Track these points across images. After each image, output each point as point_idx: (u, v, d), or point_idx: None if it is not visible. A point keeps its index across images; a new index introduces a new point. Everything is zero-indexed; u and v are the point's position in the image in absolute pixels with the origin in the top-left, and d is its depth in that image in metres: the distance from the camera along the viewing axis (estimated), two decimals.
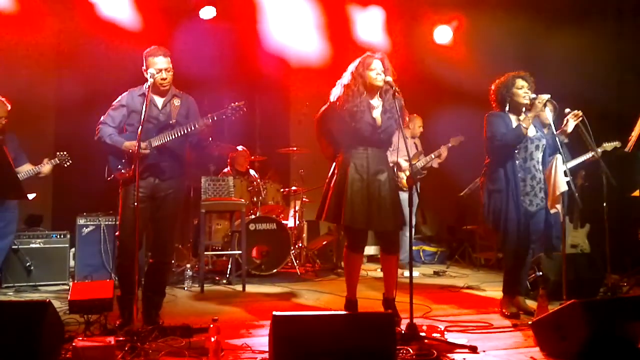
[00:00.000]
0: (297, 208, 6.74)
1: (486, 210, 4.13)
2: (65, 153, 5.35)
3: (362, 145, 3.80)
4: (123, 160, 3.67)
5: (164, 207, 3.73)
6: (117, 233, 3.75)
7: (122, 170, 3.66)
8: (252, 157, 6.81)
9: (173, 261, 6.16)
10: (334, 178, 3.84)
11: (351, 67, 3.87)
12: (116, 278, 4.03)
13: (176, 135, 3.66)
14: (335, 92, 3.88)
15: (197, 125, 3.66)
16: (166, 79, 3.70)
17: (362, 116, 3.76)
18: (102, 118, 3.76)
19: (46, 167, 5.21)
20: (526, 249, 4.12)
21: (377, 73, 3.77)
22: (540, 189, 4.07)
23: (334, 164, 3.91)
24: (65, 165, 5.36)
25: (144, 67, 3.70)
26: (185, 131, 3.66)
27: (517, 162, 4.05)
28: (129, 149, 3.61)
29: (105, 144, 3.69)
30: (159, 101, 3.77)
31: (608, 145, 5.10)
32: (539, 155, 4.11)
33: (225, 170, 6.63)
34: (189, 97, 3.89)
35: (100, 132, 3.72)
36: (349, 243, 3.91)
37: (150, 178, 3.68)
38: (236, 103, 3.74)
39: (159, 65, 3.67)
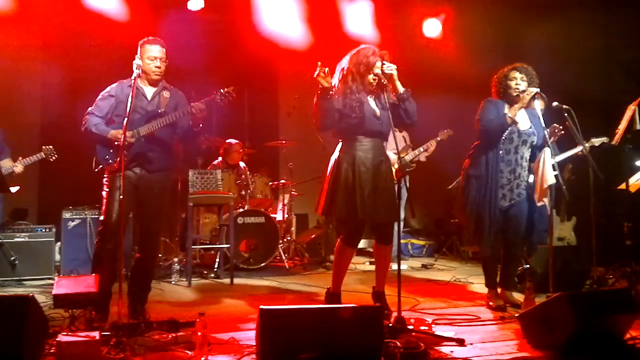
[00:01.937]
0: (285, 201, 6.72)
1: (462, 195, 4.15)
2: (51, 147, 5.29)
3: (366, 136, 3.75)
4: (111, 151, 3.62)
5: (150, 200, 3.68)
6: (100, 218, 3.70)
7: (110, 161, 3.61)
8: (242, 150, 6.78)
9: (160, 255, 6.15)
10: (341, 171, 3.71)
11: (352, 61, 3.75)
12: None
13: (166, 122, 3.62)
14: (334, 84, 3.75)
15: (191, 110, 3.62)
16: (160, 67, 3.68)
17: (363, 108, 3.72)
18: (89, 109, 3.72)
19: (18, 167, 5.14)
20: (498, 241, 4.12)
21: (374, 78, 3.74)
22: (517, 184, 4.07)
23: (336, 155, 3.80)
24: (51, 159, 5.30)
25: (138, 56, 3.66)
26: (177, 117, 3.63)
27: (500, 152, 4.06)
28: (115, 138, 3.56)
29: (92, 134, 3.64)
30: (149, 92, 3.74)
31: (596, 141, 5.13)
32: (524, 150, 4.10)
33: (216, 162, 6.58)
34: (179, 92, 3.86)
35: (87, 122, 3.68)
36: (345, 236, 3.84)
37: (136, 169, 3.64)
38: (225, 89, 3.72)
39: (154, 53, 3.65)
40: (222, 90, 3.71)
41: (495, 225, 4.05)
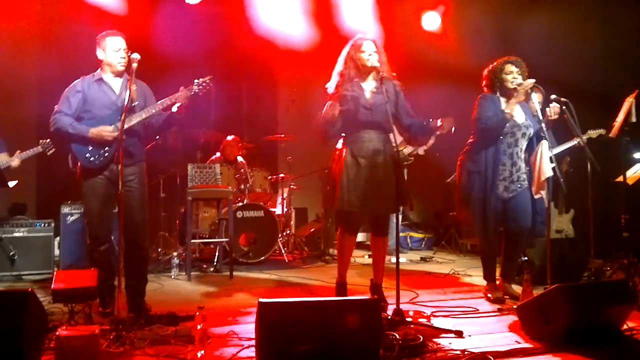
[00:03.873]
0: (284, 195, 6.72)
1: (463, 191, 4.16)
2: (48, 141, 5.26)
3: (359, 128, 3.77)
4: (90, 148, 3.58)
5: (129, 193, 3.62)
6: (86, 221, 3.71)
7: (92, 159, 3.57)
8: (240, 145, 6.77)
9: (160, 249, 6.15)
10: (342, 163, 3.77)
11: (343, 52, 3.85)
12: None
13: (148, 115, 3.60)
14: (331, 83, 3.84)
15: (177, 98, 3.60)
16: (124, 58, 3.63)
17: (354, 99, 3.73)
18: (56, 108, 3.63)
19: (15, 162, 5.12)
20: (500, 235, 4.14)
21: (369, 54, 3.76)
22: (518, 177, 4.08)
23: (338, 147, 3.85)
24: (48, 153, 5.28)
25: (100, 50, 3.64)
26: (157, 110, 3.62)
27: (502, 146, 4.06)
28: (99, 135, 3.53)
29: (67, 134, 3.56)
30: (116, 86, 3.69)
31: (593, 133, 5.13)
32: (524, 143, 4.12)
33: (214, 157, 6.58)
34: (144, 84, 3.82)
35: (57, 122, 3.58)
36: (344, 225, 3.88)
37: (112, 165, 3.58)
38: (201, 79, 3.67)
39: (118, 44, 3.62)
40: (197, 81, 3.65)
41: (498, 218, 4.06)
